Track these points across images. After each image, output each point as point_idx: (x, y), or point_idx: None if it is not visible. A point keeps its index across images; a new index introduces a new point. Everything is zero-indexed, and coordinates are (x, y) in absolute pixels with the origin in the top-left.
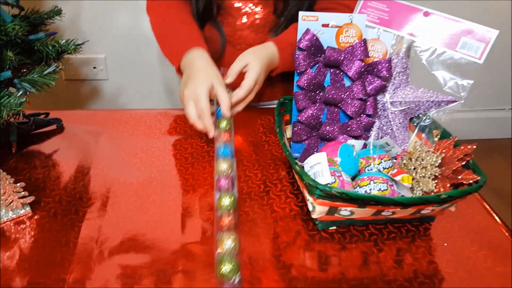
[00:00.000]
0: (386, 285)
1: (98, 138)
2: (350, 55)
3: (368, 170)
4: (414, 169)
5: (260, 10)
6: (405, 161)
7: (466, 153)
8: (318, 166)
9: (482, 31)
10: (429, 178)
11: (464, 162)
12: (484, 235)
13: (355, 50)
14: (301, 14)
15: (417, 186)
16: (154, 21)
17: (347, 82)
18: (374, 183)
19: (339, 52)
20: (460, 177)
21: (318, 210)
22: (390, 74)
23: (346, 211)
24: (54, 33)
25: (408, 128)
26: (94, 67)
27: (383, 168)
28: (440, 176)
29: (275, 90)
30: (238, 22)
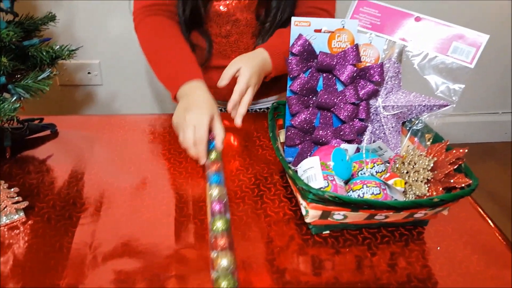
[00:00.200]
0: None
1: (92, 143)
2: (342, 60)
3: (361, 174)
4: (407, 173)
5: (244, 17)
6: (397, 165)
7: (458, 157)
8: (311, 170)
9: (473, 36)
10: (421, 182)
11: (456, 166)
12: (477, 239)
13: (347, 55)
14: (293, 19)
15: (410, 190)
16: (144, 42)
17: (340, 87)
18: (367, 187)
19: (332, 57)
20: (452, 180)
21: (312, 214)
22: (382, 78)
23: (339, 215)
24: (48, 39)
25: (400, 132)
26: (89, 73)
27: (376, 172)
28: (432, 180)
29: (268, 89)
30: (223, 29)
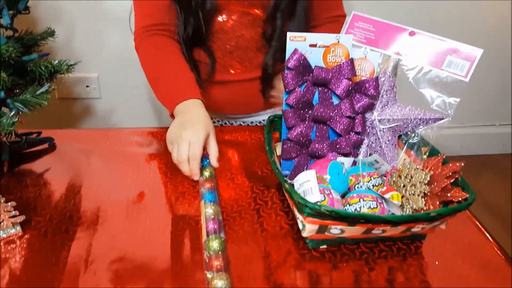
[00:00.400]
0: None
1: (89, 156)
2: (337, 74)
3: (358, 187)
4: (404, 186)
5: (249, 33)
6: (394, 178)
7: (455, 170)
8: (307, 184)
9: (467, 50)
10: (418, 195)
11: (452, 180)
12: (475, 253)
13: (343, 69)
14: (289, 34)
15: (407, 204)
16: (144, 62)
17: (336, 101)
18: (364, 201)
19: (327, 71)
20: (449, 194)
21: (308, 228)
22: (378, 92)
23: (336, 230)
24: (47, 54)
25: (396, 145)
26: (87, 86)
27: (373, 185)
28: (429, 193)
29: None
30: (228, 45)
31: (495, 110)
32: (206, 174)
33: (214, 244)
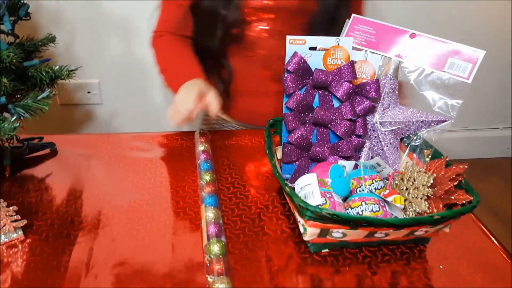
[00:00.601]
0: None
1: (91, 161)
2: (338, 77)
3: (359, 191)
4: (406, 189)
5: (279, 42)
6: (397, 181)
7: (458, 173)
8: (308, 187)
9: (469, 52)
10: (421, 198)
11: (456, 182)
12: (480, 257)
13: (343, 72)
14: (288, 38)
15: (409, 207)
16: (158, 55)
17: (336, 103)
18: (366, 204)
19: (327, 74)
20: (453, 197)
21: (310, 232)
22: (379, 94)
23: (338, 233)
24: (48, 59)
25: (398, 148)
26: (88, 92)
27: (375, 189)
28: (432, 196)
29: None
30: (250, 53)
31: (499, 113)
32: (207, 178)
33: (215, 248)
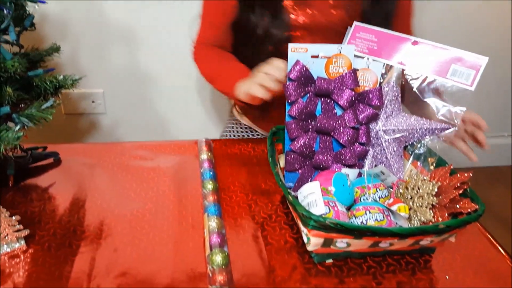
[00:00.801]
0: None
1: (94, 170)
2: (340, 85)
3: (363, 199)
4: (411, 198)
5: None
6: (401, 190)
7: (463, 181)
8: (311, 196)
9: (472, 58)
10: (426, 207)
11: (461, 191)
12: (487, 266)
13: (345, 79)
14: (290, 46)
15: (414, 216)
16: (205, 66)
17: (339, 111)
18: (370, 213)
19: (329, 81)
20: (458, 206)
21: (313, 242)
22: (381, 102)
23: (342, 243)
24: (52, 69)
25: (402, 156)
26: (93, 101)
27: (379, 197)
28: (437, 205)
29: None
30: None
31: (503, 121)
32: (210, 186)
33: (218, 258)
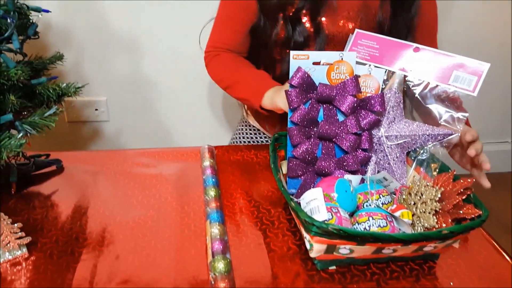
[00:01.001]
0: None
1: (97, 178)
2: (342, 91)
3: (366, 206)
4: (414, 204)
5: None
6: (404, 196)
7: (466, 186)
8: (314, 202)
9: (474, 65)
10: (429, 213)
11: (464, 196)
12: (491, 272)
13: (347, 86)
14: (292, 53)
15: (418, 222)
16: (219, 73)
17: (341, 117)
18: (373, 219)
19: (331, 88)
20: (461, 212)
21: (316, 248)
22: (384, 108)
23: (345, 249)
24: (55, 77)
25: (405, 162)
26: (96, 109)
27: (382, 203)
28: (441, 211)
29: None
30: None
31: (506, 127)
32: (212, 193)
33: (220, 265)
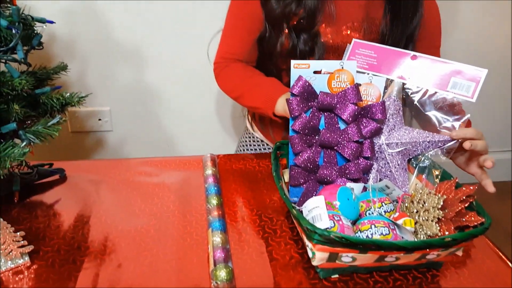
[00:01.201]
0: None
1: (99, 187)
2: (343, 99)
3: (369, 214)
4: (417, 212)
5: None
6: (406, 204)
7: (469, 194)
8: (316, 210)
9: (472, 71)
10: (432, 221)
11: (467, 204)
12: (495, 280)
13: (348, 94)
14: (293, 62)
15: (420, 230)
16: (229, 83)
17: (342, 126)
18: (376, 227)
19: (332, 96)
20: (464, 219)
21: (318, 256)
22: (385, 116)
23: (347, 258)
24: (59, 87)
25: (407, 169)
26: (99, 119)
27: (385, 211)
28: (443, 219)
29: None
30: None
31: (507, 135)
32: (214, 202)
33: (222, 273)
